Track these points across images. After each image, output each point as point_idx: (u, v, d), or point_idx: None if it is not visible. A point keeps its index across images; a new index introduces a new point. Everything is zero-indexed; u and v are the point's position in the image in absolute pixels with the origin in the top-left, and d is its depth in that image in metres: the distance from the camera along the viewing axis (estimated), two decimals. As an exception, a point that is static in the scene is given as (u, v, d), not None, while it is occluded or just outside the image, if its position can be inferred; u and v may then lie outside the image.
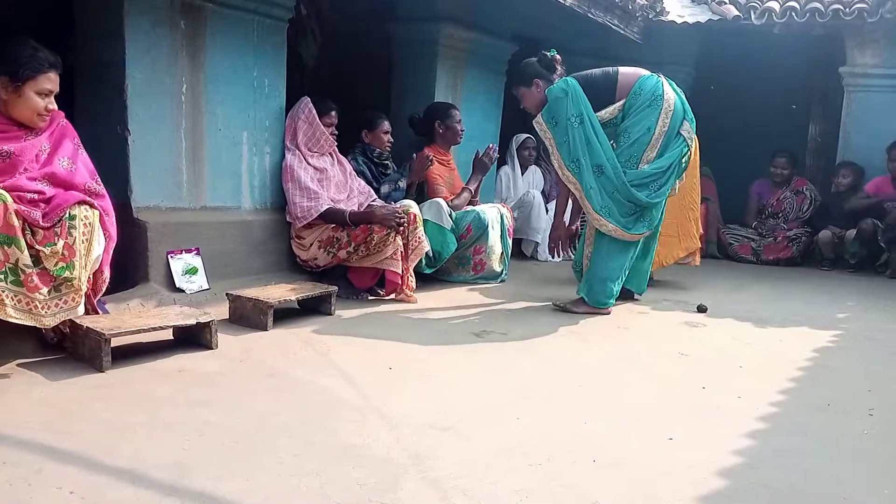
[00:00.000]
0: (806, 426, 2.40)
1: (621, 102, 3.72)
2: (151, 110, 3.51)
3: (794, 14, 6.41)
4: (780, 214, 6.86)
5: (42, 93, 2.63)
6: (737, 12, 6.63)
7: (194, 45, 3.66)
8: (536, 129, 3.93)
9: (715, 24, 6.75)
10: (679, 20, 6.80)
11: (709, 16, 6.78)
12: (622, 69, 3.83)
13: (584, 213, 3.95)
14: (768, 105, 7.63)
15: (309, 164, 4.15)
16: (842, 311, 4.46)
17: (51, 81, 2.65)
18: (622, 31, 6.34)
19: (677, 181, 3.92)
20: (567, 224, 4.26)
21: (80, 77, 3.54)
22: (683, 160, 3.83)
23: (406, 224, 3.98)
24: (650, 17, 6.69)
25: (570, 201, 4.15)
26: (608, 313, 3.89)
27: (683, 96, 3.80)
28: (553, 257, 4.26)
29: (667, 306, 4.27)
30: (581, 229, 4.26)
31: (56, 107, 2.71)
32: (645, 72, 3.80)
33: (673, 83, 3.80)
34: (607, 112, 3.74)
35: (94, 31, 3.48)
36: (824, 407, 2.60)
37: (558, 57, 3.98)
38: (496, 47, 5.84)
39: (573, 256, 4.34)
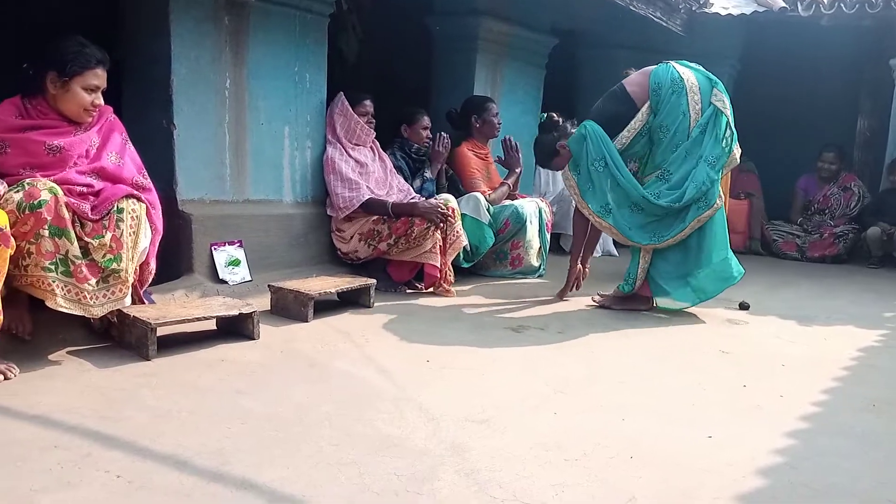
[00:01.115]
0: (849, 427, 2.35)
1: (646, 105, 3.64)
2: (196, 105, 3.58)
3: (842, 5, 6.25)
4: (827, 211, 6.71)
5: (89, 88, 2.69)
6: (783, 4, 6.49)
7: (237, 41, 3.72)
8: (564, 184, 3.91)
9: (760, 17, 6.62)
10: (723, 12, 6.68)
11: (754, 7, 6.65)
12: (625, 80, 3.77)
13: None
14: (815, 99, 7.46)
15: (350, 156, 4.19)
16: (889, 309, 4.35)
17: (97, 77, 2.70)
18: (664, 24, 6.25)
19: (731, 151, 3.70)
20: (579, 263, 4.10)
21: (127, 73, 3.62)
22: (727, 132, 3.62)
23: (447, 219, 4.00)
24: (693, 9, 6.58)
25: (585, 240, 4.06)
26: (648, 309, 3.87)
27: (700, 67, 3.72)
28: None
29: (708, 303, 4.19)
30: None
31: (103, 102, 2.77)
32: (651, 68, 3.71)
33: (685, 62, 3.73)
34: (637, 121, 3.65)
35: (140, 28, 3.56)
36: (868, 407, 2.55)
37: (553, 115, 4.15)
38: (536, 41, 5.81)
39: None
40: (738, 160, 3.75)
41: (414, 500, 1.71)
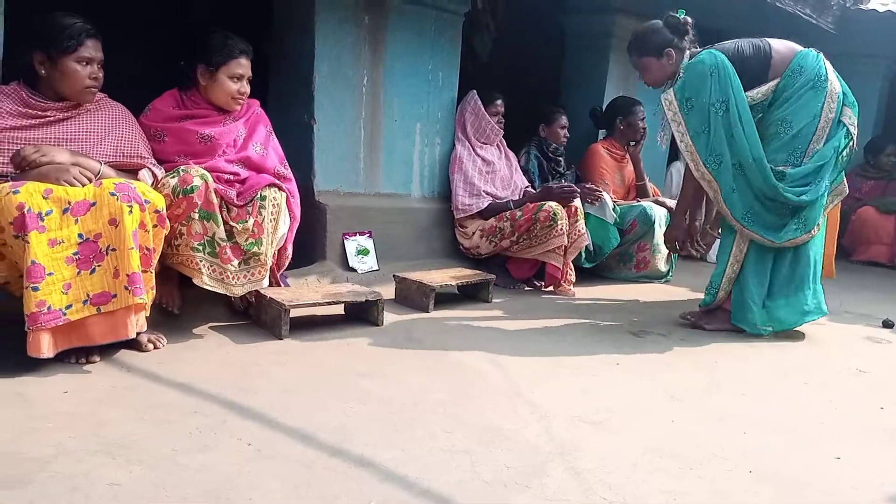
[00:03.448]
0: None
1: (774, 82, 3.17)
2: (335, 101, 3.76)
3: None
4: None
5: (234, 77, 2.90)
6: (953, -1, 5.97)
7: (375, 40, 3.87)
8: (665, 107, 3.29)
9: (923, 13, 6.11)
10: (882, 8, 6.21)
11: (918, 3, 6.16)
12: (774, 43, 3.24)
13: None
14: None
15: (477, 154, 4.26)
16: None
17: (241, 66, 2.91)
18: (814, 21, 5.90)
19: (841, 179, 3.36)
20: (688, 222, 3.53)
21: (273, 70, 3.86)
22: (845, 152, 3.24)
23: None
24: (847, 5, 6.17)
25: (694, 201, 3.50)
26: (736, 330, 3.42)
27: (839, 76, 3.25)
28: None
29: (848, 318, 3.96)
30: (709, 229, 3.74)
31: (249, 91, 2.97)
32: (799, 46, 3.23)
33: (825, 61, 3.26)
34: (758, 93, 3.18)
35: (287, 28, 3.78)
36: None
37: (689, 20, 3.43)
38: (673, 39, 5.63)
39: (699, 253, 3.69)
40: (847, 191, 3.41)
41: (521, 493, 1.74)
